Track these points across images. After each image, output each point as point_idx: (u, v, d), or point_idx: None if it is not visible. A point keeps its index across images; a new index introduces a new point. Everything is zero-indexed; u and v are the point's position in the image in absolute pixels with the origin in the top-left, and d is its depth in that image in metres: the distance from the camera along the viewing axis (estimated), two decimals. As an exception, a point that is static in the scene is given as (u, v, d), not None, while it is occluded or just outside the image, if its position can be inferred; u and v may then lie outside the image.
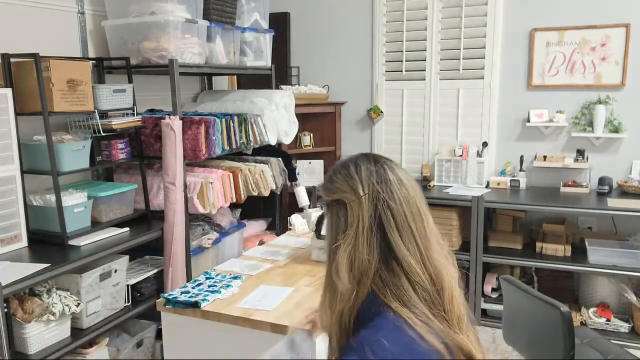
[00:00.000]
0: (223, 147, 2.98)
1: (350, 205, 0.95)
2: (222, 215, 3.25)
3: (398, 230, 0.94)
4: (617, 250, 3.39)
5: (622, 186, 3.59)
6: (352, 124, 4.45)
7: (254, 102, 3.39)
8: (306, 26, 4.50)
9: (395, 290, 0.91)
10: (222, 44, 3.21)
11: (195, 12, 2.97)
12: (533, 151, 3.90)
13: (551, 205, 3.44)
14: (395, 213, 0.94)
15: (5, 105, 2.32)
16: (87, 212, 2.58)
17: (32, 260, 2.28)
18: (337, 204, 0.97)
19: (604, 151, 3.74)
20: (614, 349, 2.45)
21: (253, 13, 3.49)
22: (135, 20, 2.87)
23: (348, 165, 0.99)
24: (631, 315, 3.47)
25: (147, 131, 2.91)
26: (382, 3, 4.20)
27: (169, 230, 2.76)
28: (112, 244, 2.53)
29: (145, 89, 3.26)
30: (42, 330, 2.21)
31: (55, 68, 2.38)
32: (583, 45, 3.69)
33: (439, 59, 4.10)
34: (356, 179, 0.96)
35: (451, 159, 4.02)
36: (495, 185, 3.87)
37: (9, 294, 2.03)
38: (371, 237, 0.93)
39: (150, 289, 2.81)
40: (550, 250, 3.60)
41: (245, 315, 1.86)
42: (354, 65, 4.38)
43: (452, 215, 3.72)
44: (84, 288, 2.38)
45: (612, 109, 3.64)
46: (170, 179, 2.75)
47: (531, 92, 3.89)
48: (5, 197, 2.35)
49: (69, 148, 2.48)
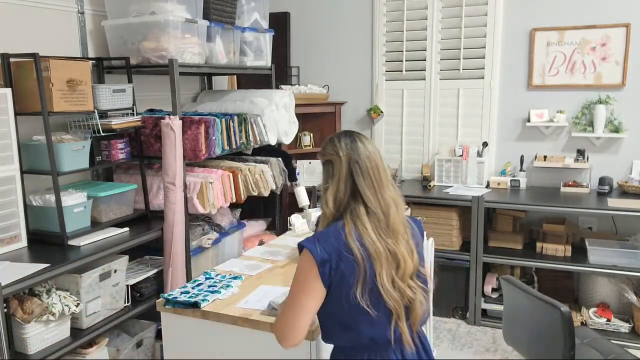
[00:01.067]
0: (223, 147, 2.98)
1: (334, 162, 1.53)
2: (222, 215, 3.25)
3: (362, 176, 1.49)
4: (617, 250, 3.39)
5: (623, 186, 3.59)
6: (352, 124, 4.45)
7: (254, 102, 3.39)
8: (306, 26, 4.50)
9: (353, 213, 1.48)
10: (222, 44, 3.21)
11: (195, 12, 2.97)
12: (533, 151, 3.90)
13: (551, 205, 3.44)
14: (361, 166, 1.50)
15: (5, 105, 2.32)
16: (86, 212, 2.58)
17: (31, 260, 2.28)
18: (328, 163, 1.56)
19: (604, 151, 3.74)
20: (614, 349, 2.44)
21: (253, 13, 3.49)
22: (135, 20, 2.87)
23: (333, 139, 1.58)
24: (631, 316, 3.46)
25: (147, 131, 2.91)
26: (382, 3, 4.20)
27: (169, 230, 2.76)
28: (112, 244, 2.53)
29: (145, 89, 3.26)
30: (41, 330, 2.21)
31: (55, 68, 2.38)
32: (583, 45, 3.68)
33: (439, 59, 4.10)
34: (338, 146, 1.54)
35: (451, 159, 4.02)
36: (495, 185, 3.87)
37: (8, 294, 2.03)
38: (346, 182, 1.50)
39: (150, 289, 2.80)
40: (551, 250, 3.60)
41: (245, 316, 1.86)
42: (354, 65, 4.38)
43: (452, 215, 3.72)
44: (83, 288, 2.38)
45: (612, 109, 3.64)
46: (170, 179, 2.75)
47: (531, 92, 3.88)
48: (5, 197, 2.35)
49: (68, 148, 2.48)
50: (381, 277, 1.42)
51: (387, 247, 1.45)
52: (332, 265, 1.42)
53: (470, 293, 3.71)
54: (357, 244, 1.42)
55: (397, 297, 1.44)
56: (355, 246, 1.42)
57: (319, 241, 1.44)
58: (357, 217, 1.46)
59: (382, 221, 1.46)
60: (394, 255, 1.45)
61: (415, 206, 3.72)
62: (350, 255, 1.42)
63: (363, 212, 1.46)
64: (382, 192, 1.49)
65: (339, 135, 1.57)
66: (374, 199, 1.47)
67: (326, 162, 1.55)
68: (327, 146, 1.57)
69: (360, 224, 1.45)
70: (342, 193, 1.49)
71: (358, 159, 1.50)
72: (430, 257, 3.02)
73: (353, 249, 1.42)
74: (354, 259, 1.42)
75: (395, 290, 1.44)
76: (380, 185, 1.49)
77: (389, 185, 1.52)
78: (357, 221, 1.46)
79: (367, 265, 1.42)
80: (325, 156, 1.56)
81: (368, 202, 1.47)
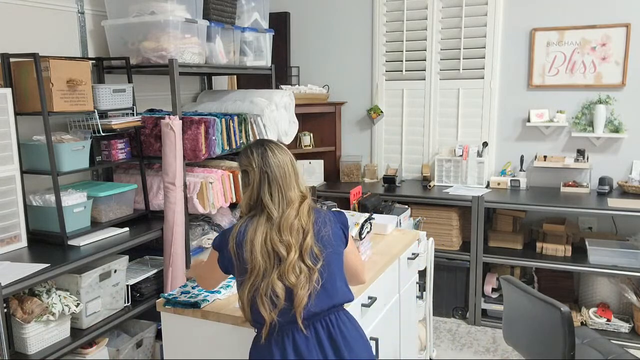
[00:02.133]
0: (223, 147, 2.98)
1: (249, 172, 1.70)
2: (222, 216, 3.25)
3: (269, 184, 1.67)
4: (617, 250, 3.39)
5: (623, 186, 3.59)
6: (352, 124, 4.45)
7: (254, 102, 3.39)
8: (306, 26, 4.50)
9: (255, 215, 1.68)
10: (222, 44, 3.21)
11: (195, 12, 2.97)
12: (533, 151, 3.90)
13: (551, 205, 3.44)
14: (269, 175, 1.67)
15: (4, 105, 2.32)
16: (86, 212, 2.58)
17: (31, 260, 2.28)
18: (244, 172, 1.73)
19: (605, 151, 3.74)
20: (614, 349, 2.44)
21: (253, 13, 3.48)
22: (135, 20, 2.87)
23: (247, 150, 1.74)
24: (631, 316, 3.46)
25: (147, 131, 2.90)
26: (382, 3, 4.20)
27: (169, 230, 2.76)
28: (112, 244, 2.53)
29: (145, 89, 3.26)
30: (41, 330, 2.21)
31: (54, 68, 2.38)
32: (583, 45, 3.68)
33: (439, 59, 4.10)
34: (251, 157, 1.71)
35: (451, 159, 4.02)
36: (495, 185, 3.87)
37: (8, 294, 2.02)
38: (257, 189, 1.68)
39: (150, 289, 2.80)
40: (551, 250, 3.60)
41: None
42: (354, 65, 4.38)
43: (452, 215, 3.73)
44: (83, 288, 2.38)
45: (612, 108, 3.64)
46: (170, 179, 2.75)
47: (531, 92, 3.89)
48: (4, 197, 2.35)
49: (68, 148, 2.48)
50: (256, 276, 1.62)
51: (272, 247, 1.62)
52: (223, 255, 1.71)
53: (470, 293, 3.71)
54: (235, 245, 1.66)
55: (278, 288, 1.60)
56: (231, 245, 1.66)
57: (220, 235, 1.74)
58: (255, 221, 1.66)
59: (276, 224, 1.64)
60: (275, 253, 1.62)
61: (415, 206, 3.72)
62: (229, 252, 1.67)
63: (263, 218, 1.65)
64: (286, 194, 1.67)
65: (251, 145, 1.75)
66: (275, 204, 1.66)
67: (243, 171, 1.74)
68: (242, 157, 1.74)
69: (252, 228, 1.64)
70: (254, 200, 1.69)
71: (268, 168, 1.67)
72: (431, 257, 3.03)
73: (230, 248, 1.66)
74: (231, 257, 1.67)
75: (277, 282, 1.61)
76: (287, 188, 1.67)
77: (295, 187, 1.70)
78: (252, 224, 1.65)
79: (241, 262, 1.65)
80: (241, 166, 1.74)
81: (268, 210, 1.65)
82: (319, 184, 4.14)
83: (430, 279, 3.05)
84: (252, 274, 1.61)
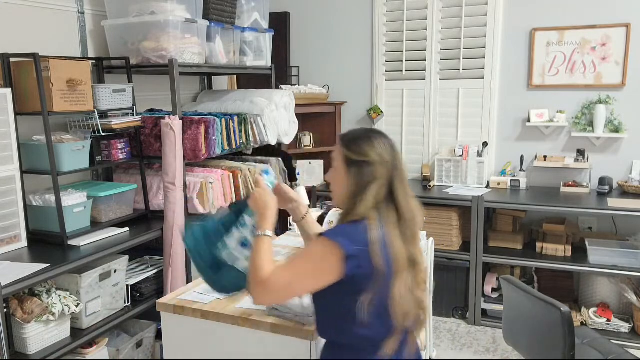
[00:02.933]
0: (223, 147, 2.98)
1: (374, 164, 1.47)
2: (222, 215, 3.25)
3: (402, 183, 1.49)
4: (617, 250, 3.39)
5: (623, 186, 3.59)
6: (352, 124, 4.44)
7: (254, 102, 3.39)
8: (306, 26, 4.50)
9: (383, 218, 1.46)
10: (222, 44, 3.21)
11: (195, 12, 2.97)
12: (533, 151, 3.90)
13: (551, 205, 3.44)
14: (400, 173, 1.50)
15: (5, 105, 2.32)
16: (86, 212, 2.58)
17: (31, 260, 2.28)
18: (363, 163, 1.47)
19: (605, 151, 3.74)
20: (614, 349, 2.44)
21: (253, 13, 3.49)
22: (135, 20, 2.87)
23: (371, 138, 1.50)
24: (631, 316, 3.46)
25: (147, 131, 2.91)
26: (382, 3, 4.20)
27: (169, 230, 2.76)
28: (112, 244, 2.53)
29: (145, 89, 3.26)
30: (41, 330, 2.21)
31: (54, 68, 2.38)
32: (583, 45, 3.68)
33: (439, 59, 4.10)
34: (378, 148, 1.48)
35: (451, 159, 4.02)
36: (495, 185, 3.87)
37: (8, 294, 2.03)
38: (386, 186, 1.47)
39: (150, 289, 2.80)
40: (551, 250, 3.60)
41: (245, 315, 1.86)
42: (354, 65, 4.38)
43: (452, 215, 3.72)
44: (83, 288, 2.38)
45: (612, 108, 3.64)
46: (170, 179, 2.75)
47: (531, 92, 3.88)
48: (5, 197, 2.35)
49: (68, 148, 2.48)
50: (399, 289, 1.43)
51: (409, 255, 1.46)
52: (357, 264, 1.40)
53: (470, 293, 3.71)
54: (382, 252, 1.41)
55: (410, 307, 1.45)
56: (380, 253, 1.41)
57: (349, 237, 1.41)
58: (387, 222, 1.45)
59: (408, 228, 1.48)
60: (413, 261, 1.47)
61: (415, 206, 3.72)
62: (372, 261, 1.41)
63: (394, 218, 1.47)
64: (409, 199, 1.50)
65: (374, 136, 1.52)
66: (406, 206, 1.48)
67: (361, 161, 1.48)
68: (364, 145, 1.49)
69: (388, 229, 1.44)
70: (381, 196, 1.47)
71: (399, 164, 1.50)
72: (430, 257, 3.03)
73: (376, 256, 1.41)
74: (375, 266, 1.41)
75: (411, 299, 1.45)
76: (409, 193, 1.52)
77: (412, 194, 1.54)
78: (386, 226, 1.45)
79: (386, 274, 1.42)
80: (363, 156, 1.48)
81: (401, 209, 1.48)
82: (319, 184, 4.14)
83: (430, 279, 3.04)
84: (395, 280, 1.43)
